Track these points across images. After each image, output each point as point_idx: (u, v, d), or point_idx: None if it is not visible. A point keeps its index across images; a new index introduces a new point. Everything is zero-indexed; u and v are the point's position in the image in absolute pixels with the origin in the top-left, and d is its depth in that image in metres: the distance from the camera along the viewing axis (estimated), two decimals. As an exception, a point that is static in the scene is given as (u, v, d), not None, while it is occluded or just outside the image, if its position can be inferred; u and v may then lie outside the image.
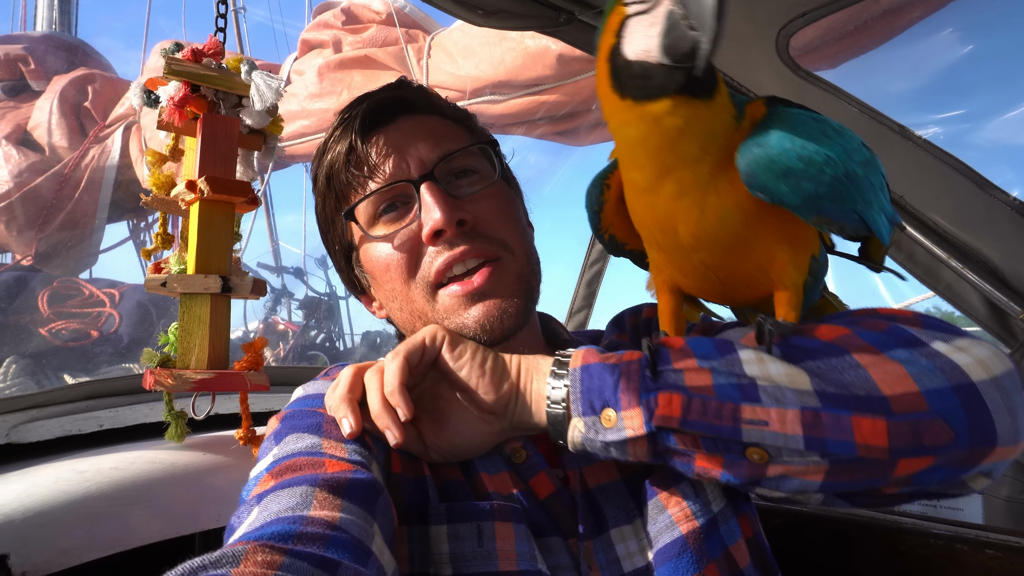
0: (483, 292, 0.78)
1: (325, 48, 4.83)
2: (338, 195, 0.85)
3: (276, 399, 1.44)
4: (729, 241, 0.68)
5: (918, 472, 0.59)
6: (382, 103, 0.84)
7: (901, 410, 0.57)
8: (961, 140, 2.42)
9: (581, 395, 0.65)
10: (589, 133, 3.71)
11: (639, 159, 0.67)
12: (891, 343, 0.61)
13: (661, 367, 0.63)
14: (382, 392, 0.68)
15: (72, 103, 6.25)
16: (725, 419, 0.59)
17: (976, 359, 0.59)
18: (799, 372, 0.60)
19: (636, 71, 0.62)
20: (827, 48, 2.11)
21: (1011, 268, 1.64)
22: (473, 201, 0.81)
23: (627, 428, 0.62)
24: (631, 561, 0.72)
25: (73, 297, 6.09)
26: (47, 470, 0.94)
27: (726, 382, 0.61)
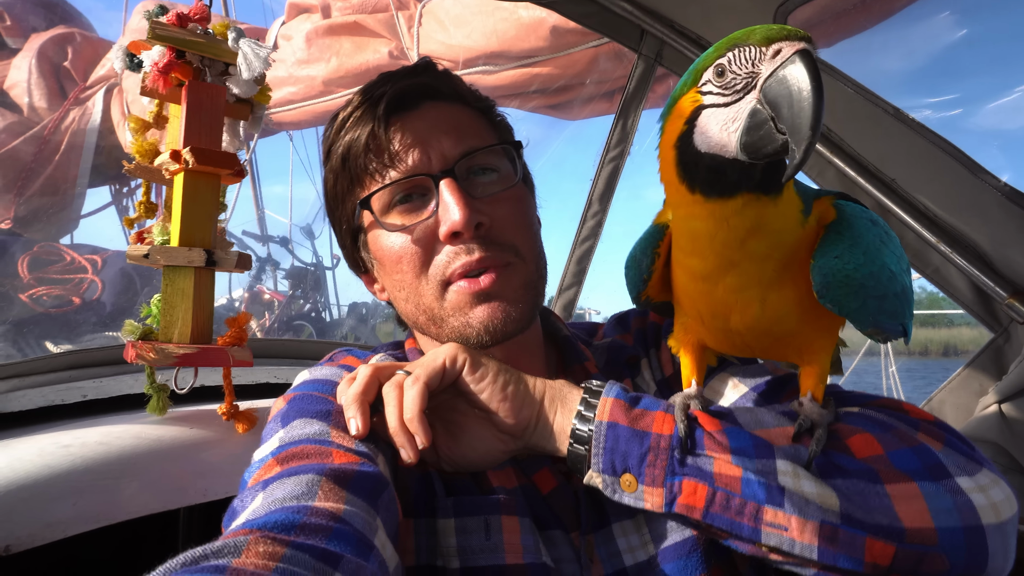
0: (490, 294, 0.77)
1: (313, 13, 4.73)
2: (353, 177, 0.82)
3: (261, 371, 1.43)
4: (779, 332, 0.69)
5: None
6: (407, 88, 0.81)
7: (913, 541, 0.61)
8: (954, 124, 2.45)
9: (604, 452, 0.66)
10: (583, 107, 3.67)
11: (703, 251, 0.65)
12: (921, 472, 0.64)
13: (692, 450, 0.64)
14: (400, 413, 0.67)
15: (51, 63, 6.08)
16: (747, 518, 0.62)
17: (991, 503, 0.63)
18: (830, 493, 0.62)
19: (707, 164, 0.60)
20: (824, 26, 2.09)
21: (999, 254, 1.65)
22: (491, 203, 0.80)
23: (646, 501, 0.64)
24: (632, 555, 0.73)
25: (54, 263, 6.01)
26: (31, 442, 0.92)
27: (755, 479, 0.62)
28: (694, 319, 0.73)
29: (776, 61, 0.55)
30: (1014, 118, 78.16)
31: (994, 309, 1.77)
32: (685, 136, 0.61)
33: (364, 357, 0.87)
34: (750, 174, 0.59)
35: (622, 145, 1.99)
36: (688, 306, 0.73)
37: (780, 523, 0.61)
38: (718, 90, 0.59)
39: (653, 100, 2.08)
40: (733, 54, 0.58)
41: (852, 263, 0.62)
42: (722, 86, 0.58)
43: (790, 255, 0.64)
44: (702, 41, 1.72)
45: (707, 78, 0.60)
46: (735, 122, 0.58)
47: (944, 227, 1.71)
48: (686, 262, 0.69)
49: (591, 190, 2.02)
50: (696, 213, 0.63)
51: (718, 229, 0.62)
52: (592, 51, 3.38)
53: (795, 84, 0.54)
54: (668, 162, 0.63)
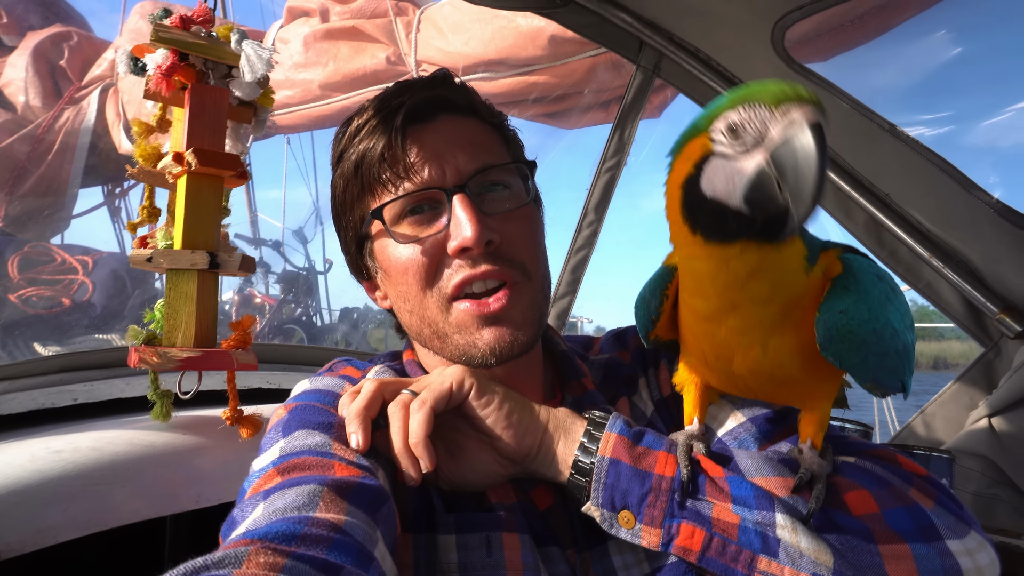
0: (497, 317, 0.77)
1: (312, 16, 4.72)
2: (364, 185, 0.81)
3: (253, 376, 1.42)
4: (781, 377, 0.69)
5: None
6: (425, 100, 0.81)
7: None
8: (948, 141, 2.46)
9: (604, 488, 0.67)
10: (580, 116, 3.68)
11: (705, 291, 0.66)
12: (913, 533, 0.66)
13: (694, 495, 0.66)
14: (405, 435, 0.68)
15: (47, 61, 6.05)
16: (741, 564, 0.64)
17: (977, 567, 0.66)
18: (825, 549, 0.64)
19: (711, 209, 0.61)
20: (821, 41, 2.11)
21: (990, 269, 1.66)
22: (502, 220, 0.80)
23: (643, 539, 0.66)
24: (627, 572, 0.74)
25: (45, 263, 5.96)
26: (21, 446, 0.91)
27: (752, 529, 0.64)
28: (699, 360, 0.75)
29: (784, 125, 0.56)
30: (1007, 136, 78.42)
31: (985, 324, 1.79)
32: (692, 179, 0.62)
33: (363, 368, 0.87)
34: (751, 223, 0.60)
35: (619, 155, 2.00)
36: (693, 346, 0.74)
37: (773, 573, 0.63)
38: (728, 141, 0.59)
39: (650, 111, 2.09)
40: (744, 110, 0.58)
41: (856, 319, 0.63)
42: (732, 139, 0.59)
43: (792, 302, 0.65)
44: (700, 54, 1.73)
45: (718, 127, 0.60)
46: (741, 176, 0.58)
47: (936, 242, 1.73)
48: (691, 302, 0.70)
49: (587, 199, 2.03)
50: (698, 254, 0.64)
51: (719, 271, 0.63)
52: (590, 61, 3.40)
53: (801, 152, 0.55)
54: (674, 201, 0.64)
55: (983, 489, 1.71)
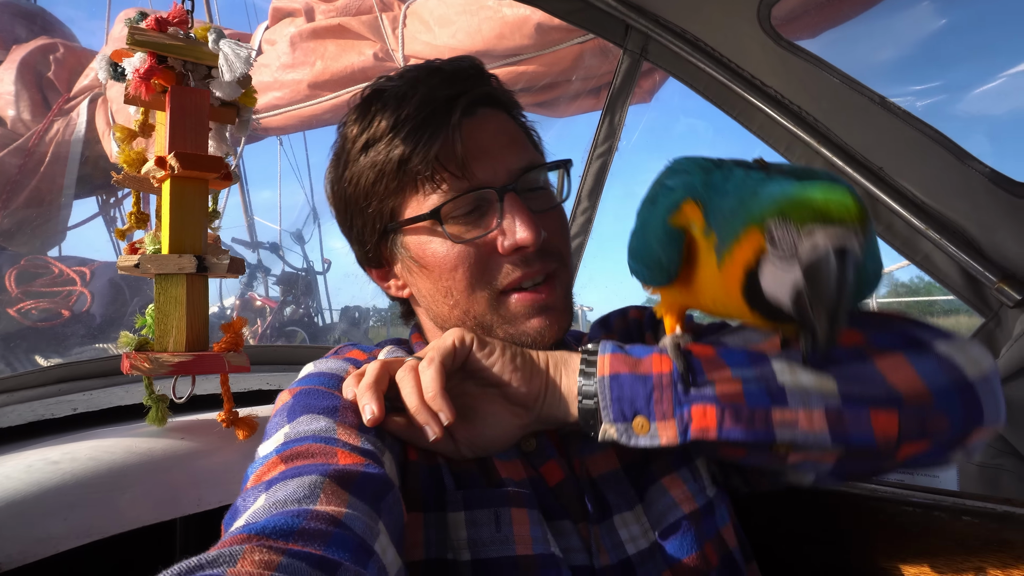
0: (548, 306, 0.81)
1: (297, 16, 4.70)
2: (408, 179, 0.79)
3: (254, 378, 1.42)
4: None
5: (915, 454, 0.67)
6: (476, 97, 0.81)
7: (912, 404, 0.65)
8: (940, 111, 2.45)
9: (612, 403, 0.68)
10: (569, 104, 3.66)
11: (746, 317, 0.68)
12: (902, 345, 0.69)
13: (693, 379, 0.67)
14: (419, 391, 0.68)
15: (34, 74, 6.03)
16: (758, 424, 0.65)
17: (971, 359, 0.69)
18: (827, 378, 0.66)
19: (766, 305, 0.62)
20: (808, 17, 2.10)
21: (987, 239, 1.66)
22: (544, 217, 0.81)
23: (661, 437, 0.67)
24: (634, 544, 0.76)
25: (42, 276, 5.96)
26: (20, 457, 0.91)
27: (756, 389, 0.66)
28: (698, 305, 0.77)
29: (809, 247, 0.55)
30: (999, 103, 78.74)
31: (984, 294, 1.78)
32: (752, 269, 0.62)
33: (370, 351, 0.87)
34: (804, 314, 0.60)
35: (610, 141, 1.99)
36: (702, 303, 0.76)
37: (788, 420, 0.65)
38: (773, 246, 0.59)
39: (639, 95, 2.07)
40: (778, 223, 0.57)
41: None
42: (773, 244, 0.58)
43: None
44: (687, 35, 1.72)
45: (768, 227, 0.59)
46: (785, 285, 0.58)
47: (932, 214, 1.72)
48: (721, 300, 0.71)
49: (580, 187, 2.02)
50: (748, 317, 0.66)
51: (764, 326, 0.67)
52: (577, 48, 3.38)
53: (820, 277, 0.54)
54: (736, 275, 0.64)
55: (987, 460, 1.71)
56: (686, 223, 0.73)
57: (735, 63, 1.68)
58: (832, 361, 0.68)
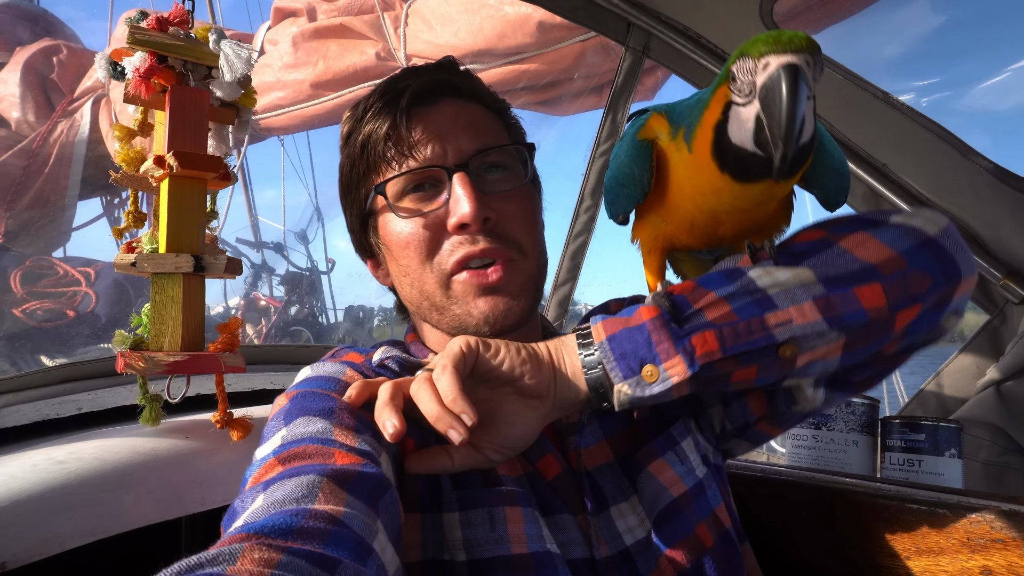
0: (495, 287, 0.82)
1: (299, 16, 4.70)
2: (370, 164, 0.86)
3: (258, 378, 1.43)
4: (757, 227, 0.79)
5: (911, 322, 0.70)
6: (430, 84, 0.86)
7: (888, 272, 0.69)
8: (943, 107, 2.43)
9: (617, 361, 0.69)
10: (571, 102, 3.65)
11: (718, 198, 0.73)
12: (860, 227, 0.74)
13: (683, 313, 0.70)
14: (437, 396, 0.67)
15: (38, 75, 6.04)
16: (756, 332, 0.67)
17: (926, 219, 0.73)
18: (803, 269, 0.70)
19: (735, 156, 0.68)
20: (810, 13, 2.09)
21: (992, 235, 1.65)
22: (500, 199, 0.84)
23: (672, 376, 0.68)
24: (632, 535, 0.77)
25: (47, 276, 5.98)
26: (25, 457, 0.91)
27: (742, 303, 0.68)
28: (676, 227, 0.81)
29: (764, 74, 0.62)
30: (1004, 99, 79.03)
31: (989, 291, 1.77)
32: (721, 124, 0.68)
33: (366, 353, 0.88)
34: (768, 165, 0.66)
35: (612, 139, 1.98)
36: (680, 217, 0.80)
37: (783, 320, 0.67)
38: (738, 91, 0.66)
39: (642, 93, 2.07)
40: (739, 63, 0.65)
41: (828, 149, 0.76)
42: (738, 89, 0.66)
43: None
44: (689, 32, 1.72)
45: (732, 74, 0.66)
46: (748, 122, 0.65)
47: (937, 209, 1.71)
48: (695, 198, 0.76)
49: (583, 185, 2.01)
50: (720, 186, 0.71)
51: (738, 198, 0.71)
52: (579, 46, 3.37)
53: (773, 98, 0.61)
54: (705, 139, 0.70)
55: (993, 457, 1.70)
56: (653, 135, 0.79)
57: (737, 60, 1.67)
58: (802, 255, 0.72)
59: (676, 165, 0.77)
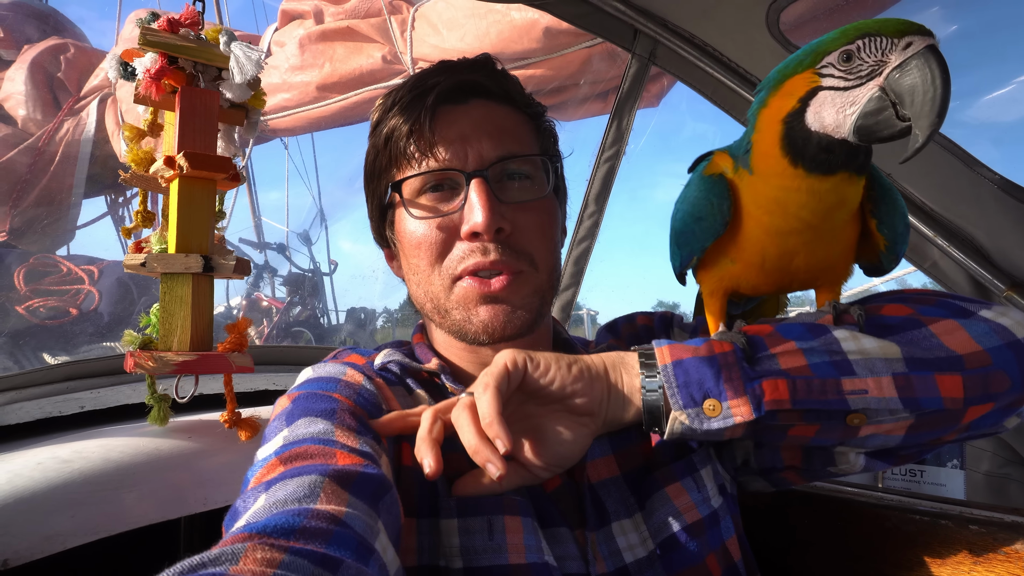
0: (496, 297, 0.79)
1: (306, 19, 4.72)
2: (391, 157, 0.84)
3: (260, 378, 1.43)
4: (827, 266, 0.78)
5: (980, 417, 0.68)
6: (460, 84, 0.83)
7: (972, 366, 0.67)
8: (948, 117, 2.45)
9: (679, 388, 0.66)
10: (577, 108, 3.66)
11: (785, 213, 0.71)
12: (950, 314, 0.72)
13: (757, 355, 0.67)
14: (477, 427, 0.63)
15: (45, 74, 6.07)
16: (830, 393, 0.65)
17: (1016, 321, 0.71)
18: (890, 344, 0.67)
19: (816, 143, 0.66)
20: (817, 23, 2.09)
21: (996, 246, 1.65)
22: (517, 209, 0.81)
23: (735, 416, 0.65)
24: (632, 552, 0.75)
25: (51, 274, 5.99)
26: (28, 455, 0.91)
27: (820, 360, 0.66)
28: (747, 264, 0.79)
29: (907, 52, 0.61)
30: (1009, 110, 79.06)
31: (992, 301, 1.77)
32: (796, 113, 0.66)
33: (368, 355, 0.88)
34: (854, 155, 0.66)
35: (617, 145, 1.99)
36: (751, 252, 0.77)
37: (859, 388, 0.65)
38: (840, 74, 0.64)
39: (648, 99, 2.07)
40: (864, 42, 0.63)
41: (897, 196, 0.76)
42: (846, 71, 0.64)
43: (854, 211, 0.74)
44: (695, 39, 1.72)
45: (829, 61, 0.65)
46: (853, 106, 0.63)
47: (941, 221, 1.71)
48: (765, 219, 0.74)
49: (587, 190, 2.02)
50: (794, 186, 0.69)
51: (809, 200, 0.69)
52: (585, 52, 3.38)
53: (928, 74, 0.60)
54: (772, 135, 0.68)
55: (995, 469, 1.70)
56: (719, 170, 0.77)
57: (743, 68, 1.67)
58: (889, 329, 0.70)
59: (742, 193, 0.75)
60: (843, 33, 0.64)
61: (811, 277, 0.79)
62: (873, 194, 0.75)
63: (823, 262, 0.76)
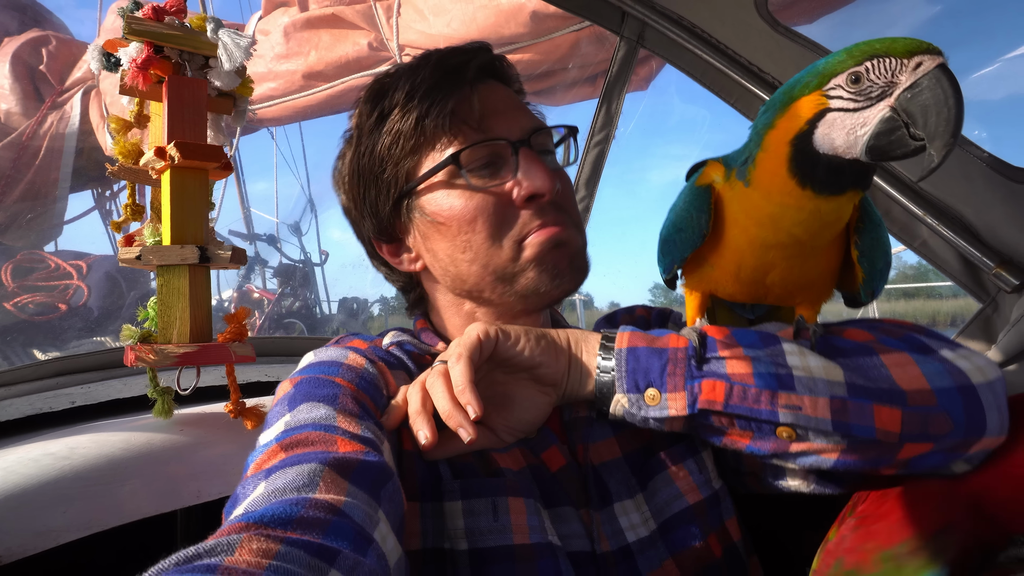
0: (563, 240, 0.81)
1: (291, 6, 4.67)
2: (426, 138, 0.80)
3: (252, 370, 1.42)
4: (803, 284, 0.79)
5: (917, 456, 0.69)
6: (487, 63, 0.85)
7: (915, 403, 0.67)
8: (935, 96, 2.42)
9: (627, 374, 0.71)
10: (566, 92, 3.64)
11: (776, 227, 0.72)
12: (909, 348, 0.72)
13: (707, 355, 0.70)
14: (450, 393, 0.68)
15: (26, 67, 5.98)
16: (763, 404, 0.67)
17: (976, 366, 0.71)
18: (834, 366, 0.68)
19: (826, 165, 0.66)
20: (806, 3, 2.09)
21: (985, 224, 1.66)
22: (555, 176, 0.82)
23: (670, 408, 0.69)
24: (634, 532, 0.76)
25: (38, 270, 5.94)
26: (18, 451, 0.91)
27: (765, 371, 0.68)
28: (724, 271, 0.80)
29: (918, 72, 0.61)
30: (996, 88, 79.67)
31: (982, 279, 1.78)
32: (804, 135, 0.66)
33: (371, 340, 0.87)
34: (863, 174, 0.66)
35: (607, 129, 1.98)
36: (729, 260, 0.79)
37: (794, 404, 0.67)
38: (849, 96, 0.64)
39: (636, 83, 2.06)
40: (872, 64, 0.62)
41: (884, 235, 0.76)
42: (855, 92, 0.63)
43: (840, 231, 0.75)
44: (684, 21, 1.71)
45: (836, 83, 0.64)
46: (864, 127, 0.63)
47: (930, 200, 1.71)
48: (752, 230, 0.75)
49: (577, 176, 2.01)
50: (793, 204, 0.69)
51: (807, 218, 0.69)
52: (573, 35, 3.35)
53: (940, 94, 0.60)
54: (779, 156, 0.68)
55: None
56: (709, 180, 0.79)
57: (732, 49, 1.67)
58: (840, 352, 0.71)
59: (730, 203, 0.77)
60: (849, 55, 0.64)
61: (786, 293, 0.80)
62: (860, 226, 0.76)
63: (800, 279, 0.78)
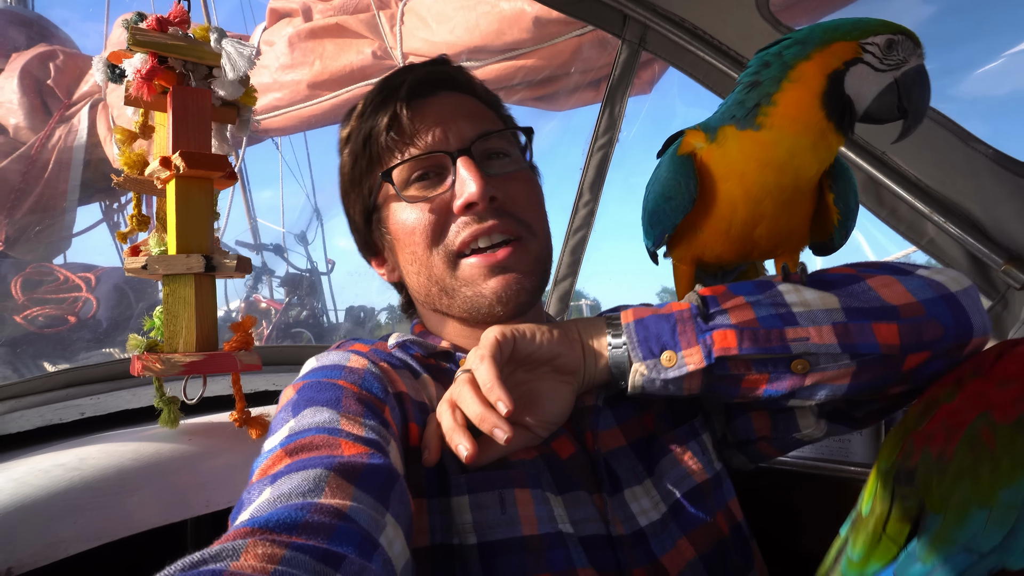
0: (504, 266, 0.82)
1: (295, 16, 4.69)
2: (373, 157, 0.87)
3: (262, 379, 1.43)
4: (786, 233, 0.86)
5: (918, 365, 0.73)
6: (428, 76, 0.89)
7: (907, 316, 0.72)
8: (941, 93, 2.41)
9: (639, 343, 0.74)
10: (568, 97, 3.64)
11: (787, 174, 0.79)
12: (889, 272, 0.78)
13: (710, 311, 0.74)
14: (479, 398, 0.69)
15: (34, 81, 6.03)
16: (774, 341, 0.71)
17: (950, 278, 0.78)
18: (829, 295, 0.73)
19: (846, 105, 0.77)
20: (807, 2, 2.09)
21: (992, 221, 1.64)
22: (504, 180, 0.85)
23: (688, 364, 0.72)
24: (646, 516, 0.78)
25: (48, 283, 5.98)
26: (29, 462, 0.91)
27: (767, 313, 0.72)
28: (714, 231, 0.85)
29: (919, 59, 0.76)
30: (1001, 84, 79.73)
31: (991, 276, 1.77)
32: (839, 74, 0.76)
33: (372, 343, 0.88)
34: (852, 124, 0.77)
35: (610, 133, 1.98)
36: (720, 219, 0.84)
37: (801, 336, 0.71)
38: (879, 56, 0.75)
39: (639, 86, 2.06)
40: (900, 38, 0.75)
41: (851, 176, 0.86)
42: (884, 56, 0.75)
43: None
44: (685, 23, 1.71)
45: (875, 41, 0.75)
46: (876, 86, 0.75)
47: (937, 197, 1.71)
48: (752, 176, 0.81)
49: (581, 179, 2.01)
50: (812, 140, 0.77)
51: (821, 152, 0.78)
52: (575, 40, 3.35)
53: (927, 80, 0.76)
54: (813, 89, 0.77)
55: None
56: (691, 148, 0.83)
57: (735, 50, 1.67)
58: (831, 284, 0.76)
59: (719, 162, 0.81)
60: (885, 25, 0.74)
61: (772, 245, 0.87)
62: (832, 170, 0.83)
63: (784, 229, 0.84)
